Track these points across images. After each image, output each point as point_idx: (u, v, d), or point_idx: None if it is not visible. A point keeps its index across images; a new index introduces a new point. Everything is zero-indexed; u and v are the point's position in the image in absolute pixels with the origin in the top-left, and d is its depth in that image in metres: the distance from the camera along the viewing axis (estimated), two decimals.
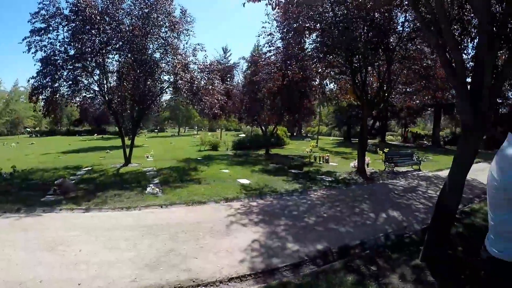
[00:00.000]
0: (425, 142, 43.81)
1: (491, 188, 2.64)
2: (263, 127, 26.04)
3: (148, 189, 10.48)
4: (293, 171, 15.56)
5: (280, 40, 15.54)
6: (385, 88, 15.92)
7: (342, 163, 19.42)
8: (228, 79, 25.16)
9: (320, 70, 17.49)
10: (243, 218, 8.04)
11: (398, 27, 14.80)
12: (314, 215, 8.50)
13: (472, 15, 7.90)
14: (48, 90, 14.15)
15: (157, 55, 16.41)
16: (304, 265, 5.62)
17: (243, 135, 36.23)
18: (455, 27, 10.54)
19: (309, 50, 15.30)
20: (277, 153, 24.71)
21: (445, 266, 5.37)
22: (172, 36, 16.32)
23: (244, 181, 12.35)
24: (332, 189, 11.89)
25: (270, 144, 25.90)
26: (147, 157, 20.09)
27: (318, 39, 14.45)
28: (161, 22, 15.77)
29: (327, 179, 13.58)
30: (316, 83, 21.27)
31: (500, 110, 29.93)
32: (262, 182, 12.29)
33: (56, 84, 14.28)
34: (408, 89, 21.69)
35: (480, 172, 13.22)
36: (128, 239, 6.44)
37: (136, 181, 11.92)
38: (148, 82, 16.10)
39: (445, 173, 5.40)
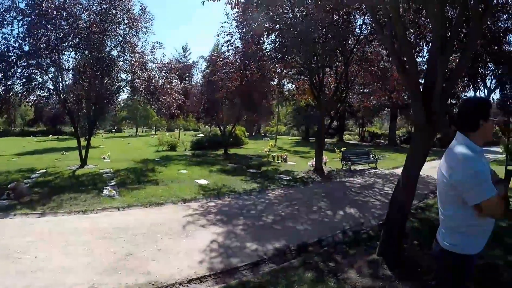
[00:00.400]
0: (381, 141, 45.03)
1: (440, 184, 2.79)
2: (221, 127, 25.97)
3: (105, 191, 10.16)
4: (251, 170, 15.61)
5: (239, 40, 15.52)
6: (342, 89, 16.24)
7: (300, 162, 19.69)
8: (187, 78, 24.89)
9: (278, 70, 17.63)
10: (202, 219, 7.97)
11: (356, 29, 15.17)
12: (272, 214, 8.55)
13: (428, 20, 8.17)
14: (1, 88, 13.41)
15: (115, 53, 15.97)
16: (263, 263, 5.63)
17: (202, 135, 35.98)
18: (411, 31, 10.92)
19: (268, 50, 15.37)
20: (236, 153, 24.71)
21: (401, 259, 5.54)
22: (131, 33, 15.89)
23: (202, 182, 12.24)
24: (290, 188, 12.03)
25: (229, 144, 25.83)
26: (104, 158, 19.53)
27: (277, 40, 14.55)
28: (119, 19, 15.25)
29: (285, 178, 13.71)
30: (275, 83, 21.42)
31: (455, 110, 31.22)
32: (220, 182, 12.24)
33: (9, 82, 13.49)
34: (365, 90, 22.22)
35: (434, 169, 13.36)
36: (85, 243, 6.22)
37: (93, 184, 11.55)
38: (105, 81, 15.63)
39: (400, 171, 5.59)
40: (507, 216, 2.70)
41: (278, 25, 13.55)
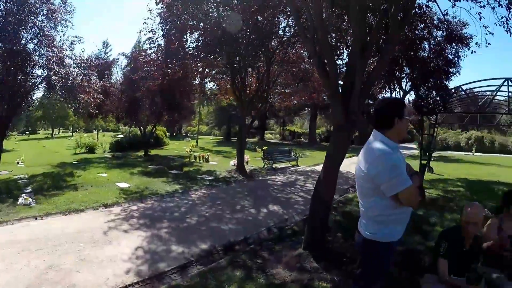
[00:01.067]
0: (302, 139, 46.43)
1: (359, 178, 2.97)
2: (141, 127, 25.16)
3: (20, 199, 9.24)
4: (173, 171, 15.34)
5: (162, 38, 15.06)
6: (264, 89, 16.50)
7: (222, 162, 19.72)
8: (106, 76, 23.69)
9: (200, 69, 17.45)
10: (125, 224, 7.65)
11: (280, 31, 15.44)
12: (196, 215, 8.47)
13: (350, 25, 8.52)
14: None
15: (31, 46, 14.66)
16: (191, 266, 5.56)
17: (121, 136, 34.66)
18: (333, 35, 11.36)
19: (191, 49, 15.15)
20: (157, 154, 24.15)
21: (327, 251, 5.76)
22: (49, 25, 14.72)
23: (124, 185, 11.79)
24: (213, 188, 12.00)
25: (150, 145, 25.15)
26: (18, 162, 18.13)
27: (201, 38, 14.37)
28: (38, 9, 14.07)
29: (208, 178, 13.66)
30: (197, 82, 21.17)
31: (372, 110, 33.10)
32: (142, 185, 11.85)
33: None
34: (286, 90, 22.80)
35: (354, 165, 13.91)
36: (2, 259, 5.61)
37: (6, 191, 10.46)
38: (19, 77, 14.32)
39: (321, 167, 5.86)
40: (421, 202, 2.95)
41: (202, 24, 13.41)
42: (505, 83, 11.09)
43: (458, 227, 3.93)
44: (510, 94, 11.90)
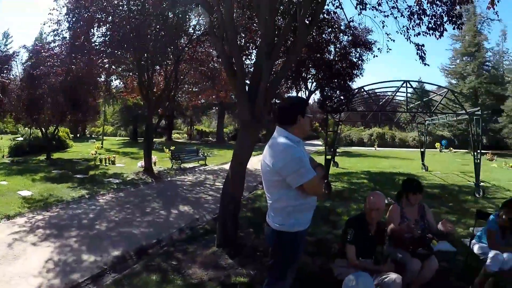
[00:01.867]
0: (210, 138, 46.47)
1: (265, 173, 3.09)
2: (43, 129, 23.25)
3: None
4: (78, 176, 14.47)
5: (67, 30, 13.94)
6: (171, 87, 16.26)
7: (130, 164, 19.12)
8: (5, 71, 21.31)
9: (107, 65, 16.65)
10: (31, 236, 7.01)
11: (190, 29, 15.27)
12: (106, 221, 8.11)
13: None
14: None
15: None
16: (105, 274, 5.29)
17: (21, 138, 31.70)
18: (243, 35, 11.53)
19: (98, 43, 14.34)
20: (60, 157, 22.61)
21: (240, 247, 5.88)
22: None
23: (26, 193, 10.80)
24: (121, 191, 11.58)
25: (52, 147, 23.41)
26: None
27: (108, 33, 13.65)
28: None
29: (115, 182, 13.17)
30: (102, 79, 20.09)
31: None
32: (46, 192, 10.97)
33: None
34: (194, 89, 22.66)
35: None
36: None
37: None
38: None
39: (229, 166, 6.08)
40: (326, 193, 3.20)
41: (111, 17, 12.81)
42: (404, 85, 12.08)
43: (363, 215, 4.24)
44: (408, 94, 13.10)
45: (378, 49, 20.65)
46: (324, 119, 14.83)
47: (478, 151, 12.14)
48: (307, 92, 25.11)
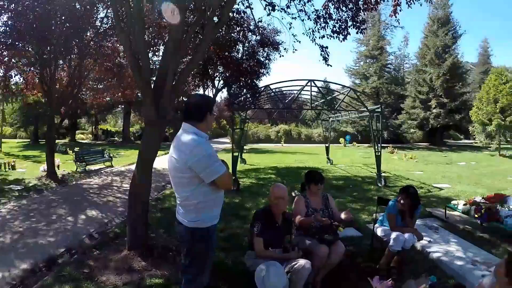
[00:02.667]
0: (116, 138, 44.75)
1: (174, 170, 3.10)
2: None
3: None
4: None
5: None
6: (75, 84, 15.31)
7: (32, 168, 17.67)
8: None
9: (6, 59, 15.13)
10: None
11: (97, 22, 14.45)
12: (10, 232, 7.39)
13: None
14: None
15: None
16: None
17: None
18: (151, 30, 11.19)
19: None
20: None
21: (152, 248, 5.75)
22: None
23: None
24: (24, 199, 10.63)
25: None
26: None
27: (10, 22, 12.37)
28: None
29: (16, 188, 12.08)
30: (1, 74, 18.25)
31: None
32: None
33: None
34: (99, 86, 21.64)
35: None
36: None
37: None
38: None
39: None
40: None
41: (14, 5, 11.64)
42: (309, 84, 12.56)
43: (269, 207, 4.38)
44: (313, 93, 13.67)
45: (285, 49, 21.32)
46: (231, 117, 14.99)
47: (379, 144, 13.04)
48: (214, 90, 25.24)
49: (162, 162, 10.57)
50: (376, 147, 13.14)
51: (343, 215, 4.77)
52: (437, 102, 42.36)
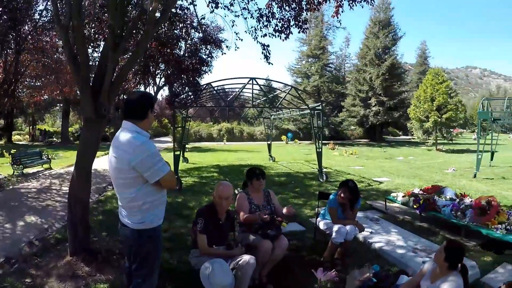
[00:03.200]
0: (54, 139, 42.82)
1: (115, 171, 3.03)
2: None
3: None
4: None
5: None
6: (11, 81, 14.51)
7: None
8: None
9: None
10: None
11: (36, 14, 13.73)
12: None
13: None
14: None
15: None
16: None
17: None
18: (92, 24, 10.77)
19: None
20: None
21: (95, 253, 5.54)
22: None
23: None
24: None
25: None
26: None
27: None
28: None
29: None
30: None
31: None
32: None
33: None
34: (37, 83, 20.68)
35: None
36: None
37: None
38: None
39: None
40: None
41: None
42: (250, 82, 12.60)
43: (212, 205, 4.40)
44: (254, 91, 13.75)
45: (227, 47, 21.40)
46: (173, 115, 14.80)
47: (320, 141, 13.35)
48: (155, 88, 24.86)
49: (102, 163, 10.26)
50: (317, 143, 13.43)
51: (285, 210, 4.90)
52: (376, 100, 44.51)
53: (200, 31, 21.23)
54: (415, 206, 7.61)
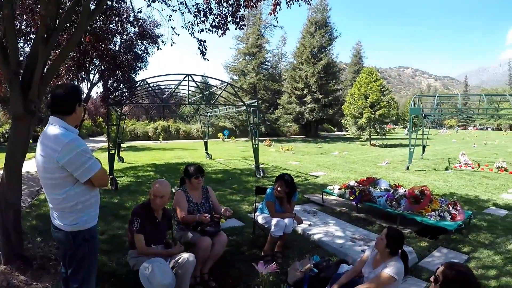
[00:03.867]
0: None
1: (43, 171, 2.86)
2: None
3: None
4: None
5: None
6: None
7: None
8: None
9: None
10: None
11: None
12: None
13: None
14: None
15: None
16: None
17: None
18: (25, 16, 10.09)
19: None
20: None
21: (29, 260, 5.21)
22: None
23: None
24: None
25: None
26: None
27: None
28: None
29: None
30: None
31: None
32: None
33: None
34: None
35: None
36: None
37: None
38: None
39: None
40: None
41: None
42: (186, 78, 12.32)
43: (148, 203, 4.25)
44: (190, 88, 13.54)
45: (163, 42, 21.04)
46: (107, 113, 14.25)
47: (256, 138, 13.40)
48: (89, 84, 23.98)
49: (34, 165, 9.62)
50: (253, 140, 13.44)
51: (223, 211, 4.85)
52: (312, 97, 45.66)
53: (136, 25, 20.76)
54: (351, 198, 7.89)
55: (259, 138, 14.47)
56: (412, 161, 15.85)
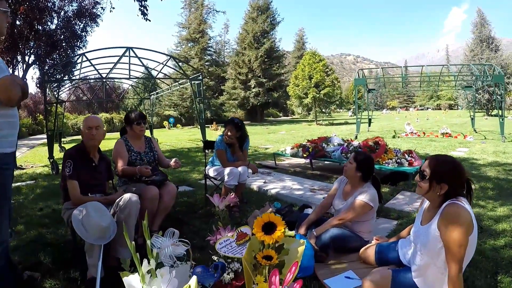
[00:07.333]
0: None
1: None
2: None
3: None
4: None
5: None
6: None
7: None
8: None
9: None
10: None
11: None
12: None
13: None
14: None
15: None
16: None
17: None
18: None
19: None
20: None
21: None
22: None
23: None
24: None
25: None
26: None
27: None
28: None
29: None
30: None
31: None
32: None
33: None
34: None
35: None
36: None
37: None
38: None
39: None
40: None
41: None
42: (127, 54, 11.03)
43: (81, 144, 3.60)
44: (131, 64, 12.21)
45: (102, 8, 20.23)
46: (44, 91, 12.97)
47: (203, 113, 12.47)
48: (24, 66, 22.40)
49: None
50: (200, 115, 12.38)
51: (172, 162, 4.28)
52: (256, 82, 45.50)
53: (75, 2, 19.78)
54: (304, 155, 7.67)
55: (205, 125, 13.84)
56: (360, 133, 16.04)
